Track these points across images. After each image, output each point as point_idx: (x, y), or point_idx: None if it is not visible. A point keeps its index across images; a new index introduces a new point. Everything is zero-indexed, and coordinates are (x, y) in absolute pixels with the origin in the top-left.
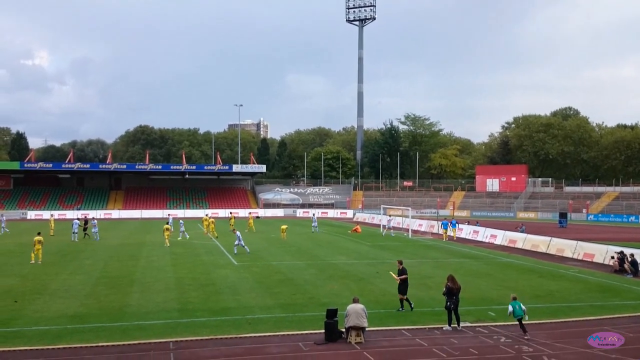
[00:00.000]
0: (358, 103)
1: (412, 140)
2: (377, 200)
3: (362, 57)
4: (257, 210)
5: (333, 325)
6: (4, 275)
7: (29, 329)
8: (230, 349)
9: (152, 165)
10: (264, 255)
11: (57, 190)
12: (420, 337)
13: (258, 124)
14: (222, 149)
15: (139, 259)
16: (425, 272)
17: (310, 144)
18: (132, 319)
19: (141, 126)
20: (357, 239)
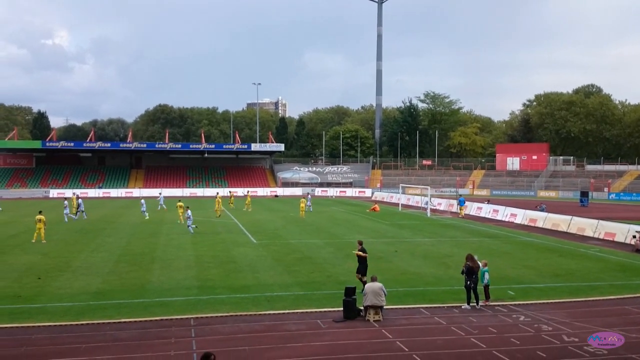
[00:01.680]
0: (377, 81)
1: (431, 118)
2: (395, 179)
3: (381, 35)
4: (276, 189)
5: (351, 303)
6: (27, 253)
7: (53, 305)
8: (250, 326)
9: (171, 144)
10: (283, 233)
11: (79, 168)
12: (438, 315)
13: (276, 103)
14: (241, 128)
15: (159, 237)
16: (444, 251)
17: (329, 123)
18: (154, 295)
19: (161, 105)
20: (375, 217)
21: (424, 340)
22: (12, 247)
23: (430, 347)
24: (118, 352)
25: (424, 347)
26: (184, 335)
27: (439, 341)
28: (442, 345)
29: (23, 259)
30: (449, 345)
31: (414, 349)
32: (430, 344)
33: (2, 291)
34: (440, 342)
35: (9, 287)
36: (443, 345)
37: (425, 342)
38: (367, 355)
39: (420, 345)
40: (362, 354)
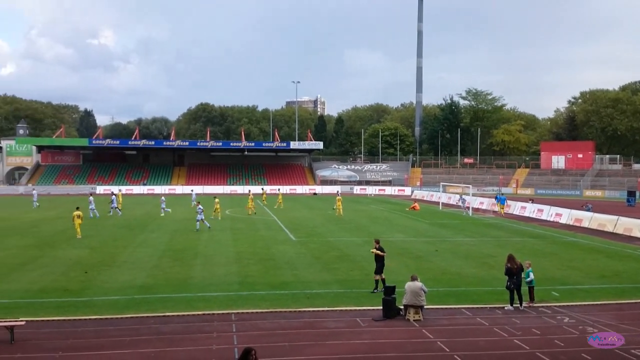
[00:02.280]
0: (417, 78)
1: (473, 115)
2: (436, 178)
3: (421, 31)
4: (315, 187)
5: (391, 302)
6: (74, 247)
7: (99, 299)
8: (289, 322)
9: (212, 142)
10: (322, 231)
11: (124, 166)
12: (481, 316)
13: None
14: (280, 126)
15: (201, 233)
16: (487, 251)
17: (368, 121)
18: (196, 290)
19: (202, 104)
20: (415, 216)
21: (465, 341)
22: (61, 242)
23: (472, 348)
24: (162, 346)
25: (466, 348)
26: (225, 329)
27: (481, 342)
28: (484, 346)
29: (71, 254)
30: (492, 346)
31: (456, 349)
32: (472, 345)
33: (50, 285)
34: (482, 343)
35: (57, 280)
36: (485, 347)
37: (467, 343)
38: (408, 355)
39: (462, 346)
40: (402, 353)
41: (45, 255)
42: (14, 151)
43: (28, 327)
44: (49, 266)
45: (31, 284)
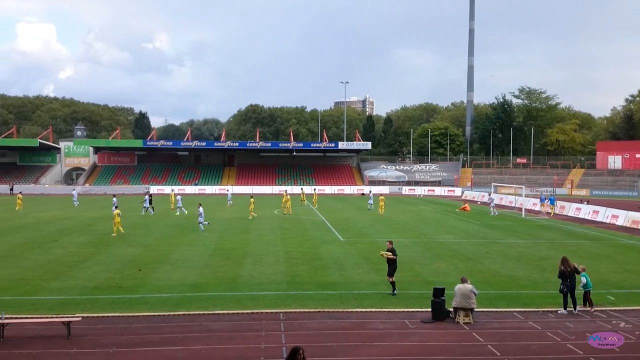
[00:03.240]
0: (468, 77)
1: (526, 114)
2: (487, 178)
3: (473, 29)
4: (363, 187)
5: (440, 304)
6: (129, 246)
7: (152, 296)
8: (337, 323)
9: (262, 143)
10: (370, 232)
11: (177, 166)
12: (533, 319)
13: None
14: (328, 126)
15: (250, 233)
16: (540, 253)
17: (417, 120)
18: (245, 289)
19: (252, 105)
20: (465, 217)
21: (517, 345)
22: (116, 240)
23: (524, 352)
24: (212, 343)
25: (517, 352)
26: (273, 328)
27: (533, 346)
28: (536, 350)
29: (125, 252)
30: (544, 350)
31: (507, 353)
32: (523, 349)
33: (105, 282)
34: (534, 347)
35: (112, 278)
36: (537, 351)
37: (518, 347)
38: (457, 358)
39: (513, 350)
40: (451, 356)
41: (101, 253)
42: (72, 152)
43: (84, 322)
44: (105, 264)
45: (87, 281)
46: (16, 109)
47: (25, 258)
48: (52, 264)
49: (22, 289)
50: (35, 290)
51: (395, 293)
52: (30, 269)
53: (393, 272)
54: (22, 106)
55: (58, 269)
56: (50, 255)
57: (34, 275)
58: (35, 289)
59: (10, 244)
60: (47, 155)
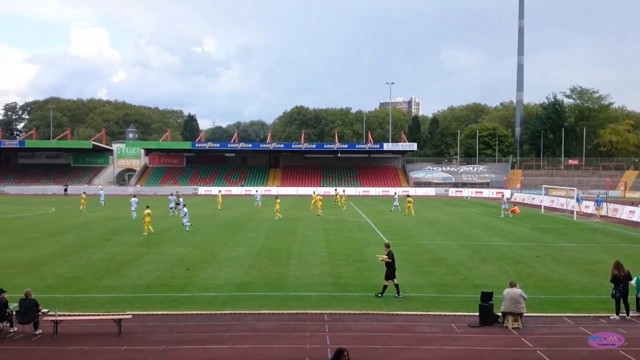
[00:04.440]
0: (518, 76)
1: (578, 115)
2: (537, 180)
3: (522, 28)
4: (408, 189)
5: (488, 308)
6: (178, 245)
7: (200, 295)
8: (382, 325)
9: (306, 145)
10: (414, 234)
11: (224, 167)
12: (584, 325)
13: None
14: (373, 127)
15: (295, 234)
16: (592, 257)
17: (464, 121)
18: (290, 289)
19: (297, 107)
20: (514, 220)
21: (567, 351)
22: (165, 240)
23: (574, 358)
24: (258, 342)
25: (567, 358)
26: (318, 329)
27: (584, 352)
28: (587, 356)
29: (174, 251)
30: (595, 357)
31: (556, 359)
32: (573, 355)
33: (155, 280)
34: (584, 353)
35: (162, 276)
36: (588, 357)
37: (568, 353)
38: None
39: (563, 356)
40: None
41: (151, 252)
42: (124, 154)
43: (134, 320)
44: (155, 262)
45: (138, 279)
46: (70, 112)
47: (79, 257)
48: (105, 263)
49: (75, 287)
50: (87, 288)
51: (380, 295)
52: (84, 267)
53: (391, 275)
54: (76, 109)
55: (110, 268)
56: (102, 254)
57: (86, 274)
58: (88, 287)
59: (64, 243)
60: (100, 157)
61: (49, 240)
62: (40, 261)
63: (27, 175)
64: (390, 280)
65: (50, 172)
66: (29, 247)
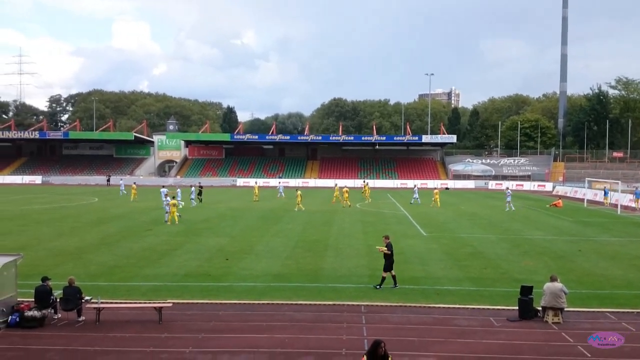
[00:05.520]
0: (561, 67)
1: (623, 106)
2: (580, 173)
3: (566, 17)
4: (447, 182)
5: (528, 302)
6: (217, 236)
7: (238, 285)
8: (419, 318)
9: (344, 137)
10: (453, 227)
11: (262, 159)
12: (626, 321)
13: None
14: (412, 119)
15: (332, 226)
16: (636, 252)
17: (506, 113)
18: (327, 281)
19: (335, 99)
20: (557, 213)
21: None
22: (204, 230)
23: (616, 355)
24: (295, 332)
25: (609, 354)
26: (355, 321)
27: (626, 348)
28: (630, 353)
29: (213, 241)
30: (638, 353)
31: (598, 354)
32: (615, 351)
33: (195, 270)
34: (627, 349)
35: (201, 266)
36: (630, 353)
37: (610, 349)
38: (545, 358)
39: (605, 352)
40: (539, 356)
41: (190, 242)
42: (165, 145)
43: (175, 308)
44: (194, 252)
45: (178, 268)
46: (112, 104)
47: (121, 246)
48: (146, 252)
49: (117, 275)
50: (129, 276)
51: (379, 287)
52: (125, 256)
53: (389, 267)
54: (118, 101)
55: (151, 257)
56: (144, 244)
57: (128, 263)
58: (130, 276)
59: (106, 232)
60: (142, 148)
61: (91, 230)
62: (83, 250)
63: (71, 165)
64: (388, 272)
65: (93, 163)
66: (73, 236)
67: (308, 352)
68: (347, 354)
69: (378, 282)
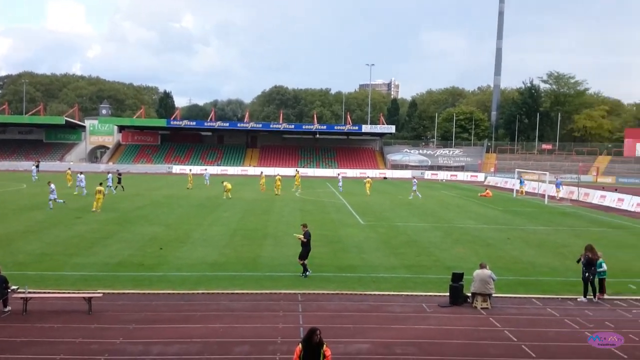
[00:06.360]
0: (496, 60)
1: (554, 100)
2: (511, 164)
3: (502, 11)
4: (385, 171)
5: (458, 289)
6: (151, 224)
7: (172, 274)
8: (355, 305)
9: (285, 125)
10: (390, 216)
11: (200, 146)
12: (551, 306)
13: (389, 84)
14: (352, 109)
15: (271, 214)
16: (561, 240)
17: (442, 104)
18: (265, 269)
19: (276, 86)
20: (487, 203)
21: (534, 331)
22: (137, 218)
23: (541, 339)
24: (231, 322)
25: (534, 339)
26: (291, 309)
27: (551, 333)
28: (554, 337)
29: (147, 230)
30: (561, 338)
31: (523, 339)
32: (540, 335)
33: (127, 259)
34: (551, 334)
35: (134, 255)
36: (555, 338)
37: (535, 333)
38: (474, 343)
39: (530, 336)
40: (468, 340)
41: (123, 230)
42: (97, 130)
43: (105, 299)
44: (127, 241)
45: (109, 257)
46: (43, 87)
47: (50, 234)
48: (75, 240)
49: (46, 264)
50: (58, 265)
51: (307, 275)
52: (54, 244)
53: (305, 255)
54: (49, 84)
55: (81, 245)
56: (73, 232)
57: (57, 251)
58: (59, 265)
59: (34, 219)
60: (73, 133)
61: (19, 217)
62: (10, 237)
63: None
64: (303, 260)
65: (22, 147)
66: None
67: (243, 342)
68: (283, 342)
69: (317, 270)
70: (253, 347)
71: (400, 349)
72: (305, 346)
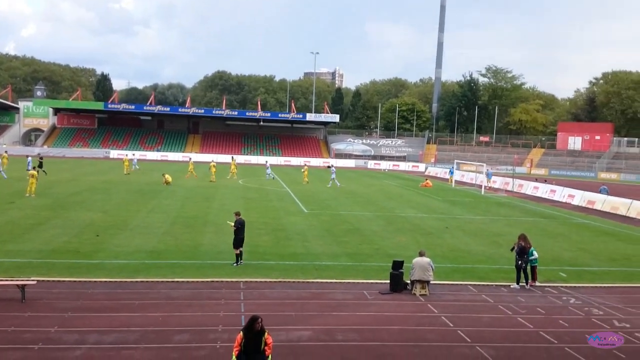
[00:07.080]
0: (437, 53)
1: (491, 93)
2: (450, 155)
3: (444, 5)
4: (329, 160)
5: (398, 276)
6: (87, 210)
7: (110, 262)
8: (297, 292)
9: (228, 111)
10: (333, 204)
11: (139, 131)
12: (486, 293)
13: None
14: (297, 97)
15: (212, 201)
16: (497, 229)
17: (386, 95)
18: (206, 257)
19: (219, 72)
20: (427, 193)
21: (469, 317)
22: (73, 204)
23: (476, 324)
24: (170, 310)
25: (469, 324)
26: (233, 297)
27: (485, 319)
28: (488, 323)
29: (84, 216)
30: (495, 323)
31: (459, 325)
32: (475, 321)
33: (62, 246)
34: (486, 319)
35: (70, 242)
36: (489, 323)
37: (470, 319)
38: (412, 328)
39: (466, 322)
40: (406, 326)
41: (58, 216)
42: (31, 112)
43: (39, 286)
44: (62, 228)
45: (44, 244)
46: None
47: None
48: (8, 226)
49: None
50: None
51: (238, 264)
52: None
53: (238, 243)
54: None
55: (14, 231)
56: (6, 217)
57: None
58: None
59: None
60: (6, 115)
61: None
62: None
63: None
64: (237, 249)
65: None
66: None
67: (183, 330)
68: (224, 331)
69: (259, 258)
70: (193, 336)
71: (342, 335)
72: (246, 334)
